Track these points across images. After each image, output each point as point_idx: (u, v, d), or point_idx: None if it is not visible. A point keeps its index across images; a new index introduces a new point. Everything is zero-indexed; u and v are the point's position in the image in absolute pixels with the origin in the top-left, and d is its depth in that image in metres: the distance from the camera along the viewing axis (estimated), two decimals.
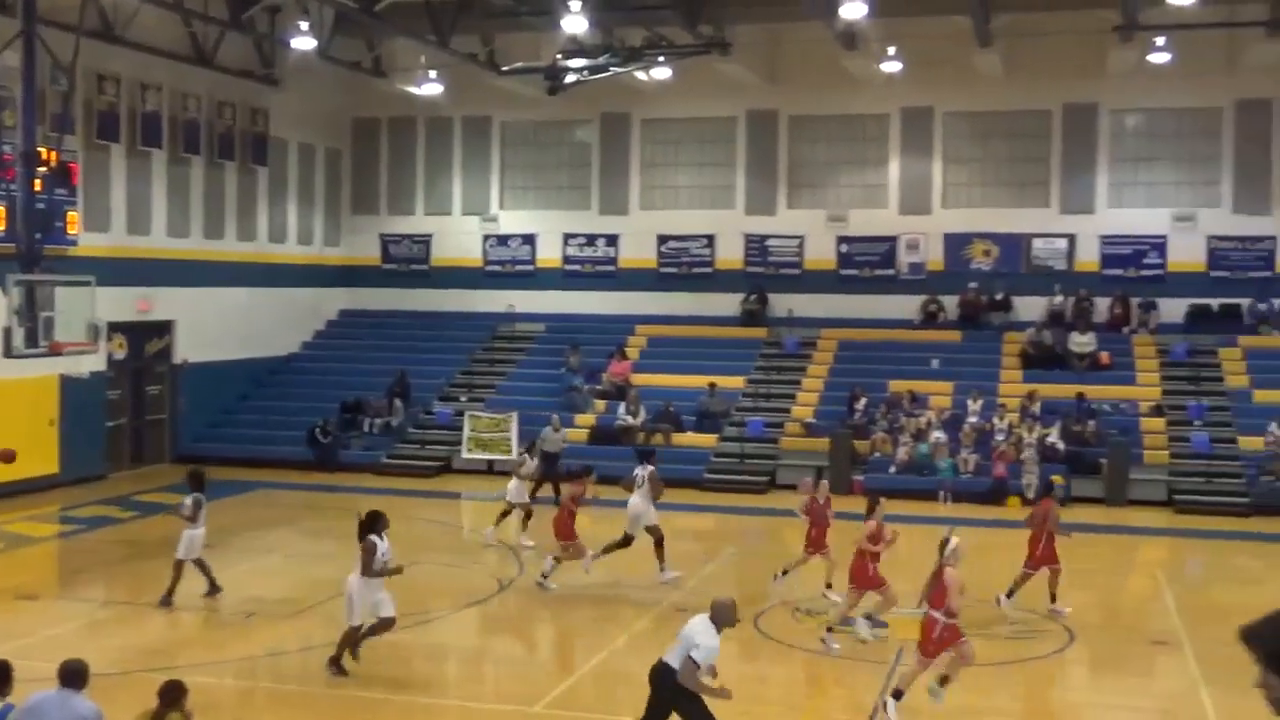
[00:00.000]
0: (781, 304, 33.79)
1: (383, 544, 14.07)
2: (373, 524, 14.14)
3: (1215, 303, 31.38)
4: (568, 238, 35.59)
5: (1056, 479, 24.25)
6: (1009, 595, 17.53)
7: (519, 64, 30.58)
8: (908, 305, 32.89)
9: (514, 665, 15.62)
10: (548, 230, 35.77)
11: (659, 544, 18.97)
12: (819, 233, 33.80)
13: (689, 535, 24.40)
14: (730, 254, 34.38)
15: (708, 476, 28.59)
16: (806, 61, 31.86)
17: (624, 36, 28.93)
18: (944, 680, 12.79)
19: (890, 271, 33.35)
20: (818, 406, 30.59)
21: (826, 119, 33.93)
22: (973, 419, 28.50)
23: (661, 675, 10.52)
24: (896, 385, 30.24)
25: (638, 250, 34.91)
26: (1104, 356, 30.53)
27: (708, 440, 29.92)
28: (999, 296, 32.40)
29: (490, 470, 29.87)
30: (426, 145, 36.77)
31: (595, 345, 33.04)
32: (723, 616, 10.61)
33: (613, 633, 16.43)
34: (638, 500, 19.13)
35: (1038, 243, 32.62)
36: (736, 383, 31.61)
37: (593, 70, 29.88)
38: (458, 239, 36.46)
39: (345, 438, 31.32)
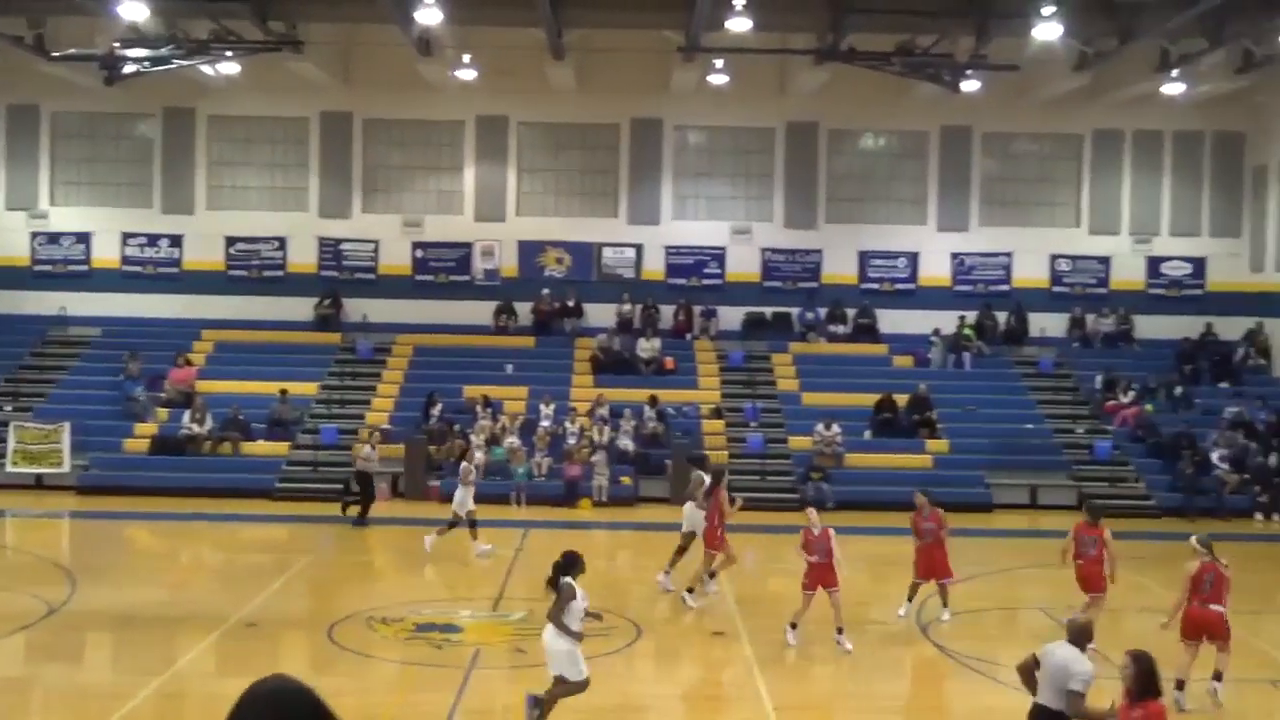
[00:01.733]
0: (356, 309, 33.31)
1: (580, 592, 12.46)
2: (569, 567, 12.63)
3: (769, 311, 33.49)
4: (127, 237, 33.61)
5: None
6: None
7: (71, 50, 28.58)
8: (483, 311, 33.18)
9: (65, 693, 14.54)
10: (105, 228, 33.63)
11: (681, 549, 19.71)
12: (394, 238, 33.56)
13: (260, 547, 23.67)
14: (303, 257, 33.55)
15: (279, 486, 27.79)
16: (382, 65, 31.53)
17: (189, 28, 27.59)
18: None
19: (466, 278, 33.55)
20: (393, 412, 30.34)
21: (402, 123, 33.74)
22: (546, 423, 29.09)
23: (1045, 717, 9.82)
24: (471, 390, 30.43)
25: (204, 251, 33.45)
26: (669, 361, 31.94)
27: (279, 449, 29.06)
28: (571, 303, 33.25)
29: (39, 484, 27.83)
30: None
31: (157, 351, 31.37)
32: (1084, 636, 10.16)
33: (174, 653, 15.60)
34: (693, 506, 19.78)
35: (608, 252, 33.72)
36: (309, 389, 30.87)
37: (154, 62, 28.32)
38: (2, 235, 33.70)
39: None
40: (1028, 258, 33.65)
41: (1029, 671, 9.87)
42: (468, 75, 30.63)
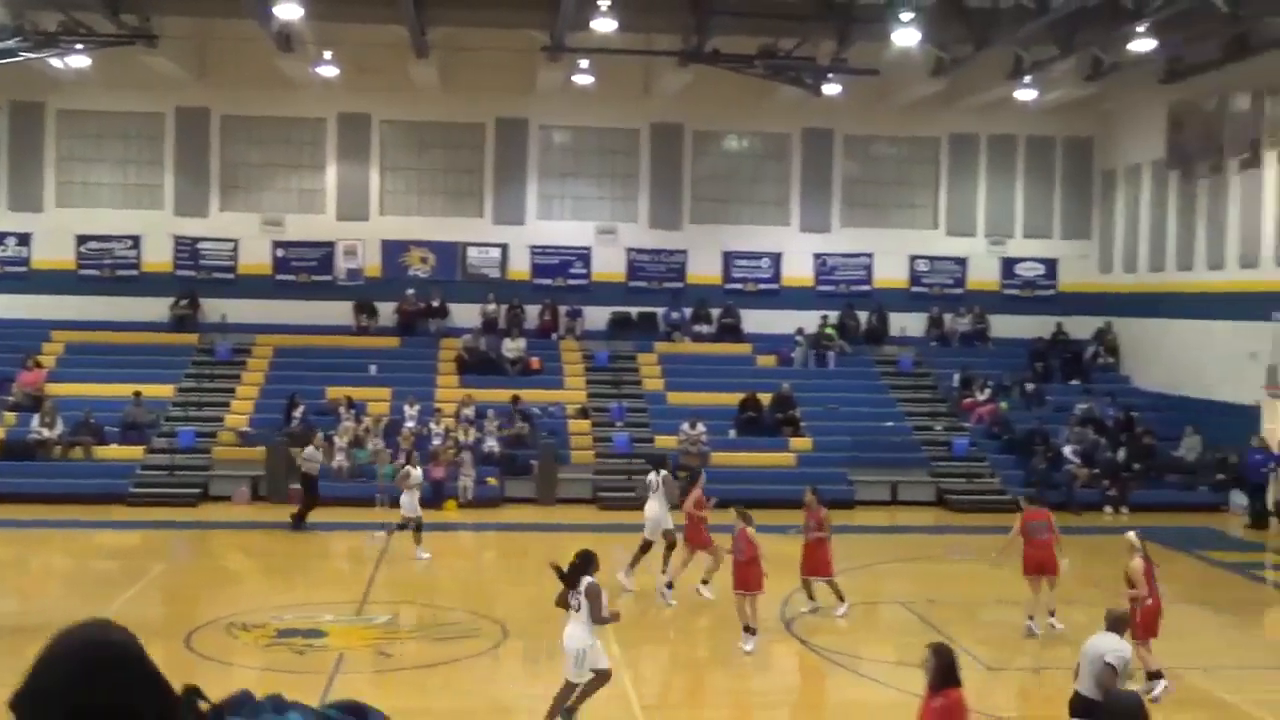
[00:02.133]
0: (214, 309, 32.57)
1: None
2: (587, 565, 12.71)
3: (634, 311, 33.60)
4: None
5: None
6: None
7: None
8: (346, 311, 32.72)
9: None
10: None
11: (670, 549, 19.47)
12: (254, 236, 32.90)
13: (113, 553, 23.05)
14: (158, 256, 32.70)
15: (134, 490, 27.02)
16: (240, 60, 30.86)
17: (37, 20, 26.69)
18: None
19: (328, 277, 33.04)
20: (253, 415, 29.73)
21: (261, 120, 33.10)
22: (410, 424, 28.78)
23: (1083, 705, 10.51)
24: (334, 392, 29.97)
25: (53, 250, 32.38)
26: (534, 361, 31.85)
27: (133, 452, 28.27)
28: (436, 303, 32.96)
29: None
30: None
31: (4, 353, 30.32)
32: (1122, 624, 11.22)
33: (25, 664, 15.07)
34: (654, 506, 19.71)
35: (473, 251, 33.51)
36: (165, 391, 30.06)
37: (0, 54, 27.35)
38: None
39: None
40: (888, 258, 34.30)
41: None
42: (329, 72, 30.18)
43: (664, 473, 20.22)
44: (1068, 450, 28.94)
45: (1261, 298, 25.50)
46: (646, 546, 19.89)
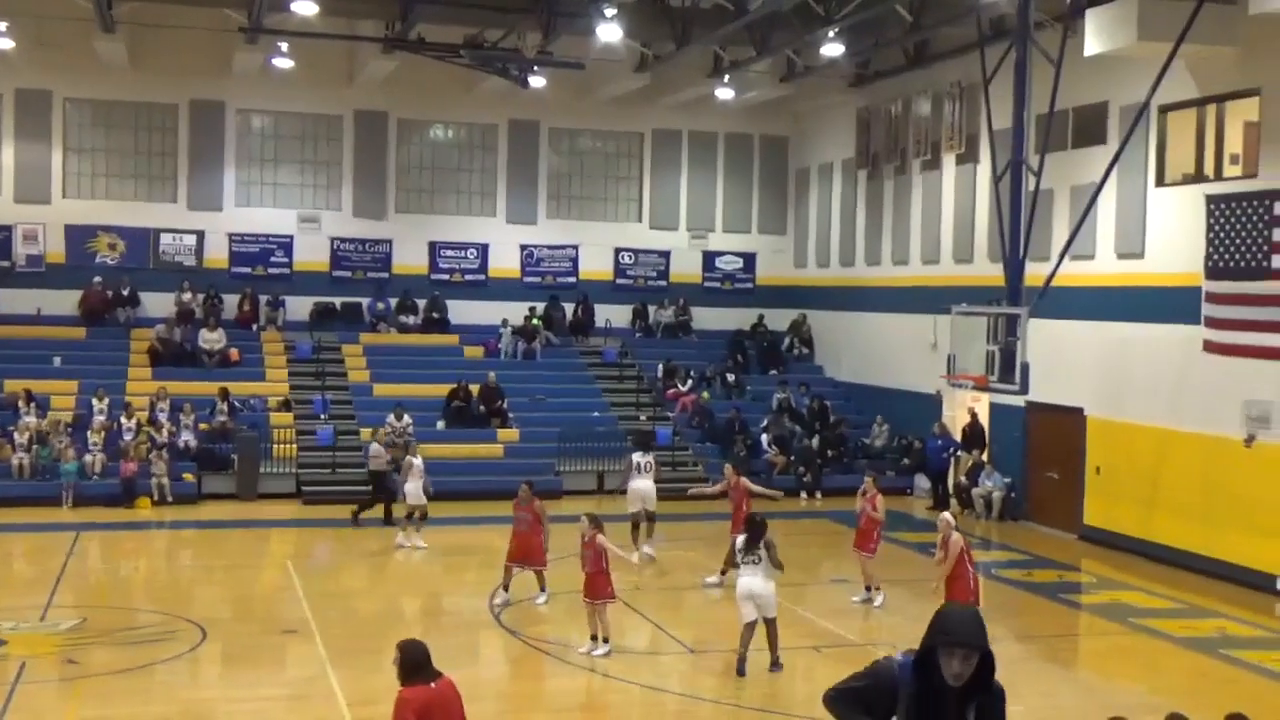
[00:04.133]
0: None
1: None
2: (765, 526, 14.88)
3: (339, 301, 32.92)
4: None
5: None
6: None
7: None
8: (25, 300, 30.80)
9: None
10: None
11: (651, 520, 21.40)
12: None
13: None
14: None
15: None
16: None
17: None
18: None
19: (6, 263, 31.03)
20: None
21: None
22: (99, 418, 27.35)
23: None
24: (13, 385, 28.18)
25: None
26: (234, 353, 30.79)
27: None
28: (126, 292, 31.43)
29: None
30: None
31: None
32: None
33: None
34: (644, 483, 21.51)
35: (166, 238, 32.11)
36: None
37: None
38: None
39: None
40: (593, 250, 34.74)
41: None
42: (5, 44, 28.33)
43: (650, 455, 22.38)
44: (765, 439, 29.98)
45: (941, 292, 27.05)
46: (637, 523, 21.39)
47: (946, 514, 16.53)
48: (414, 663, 8.38)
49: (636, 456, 22.32)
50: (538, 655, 16.10)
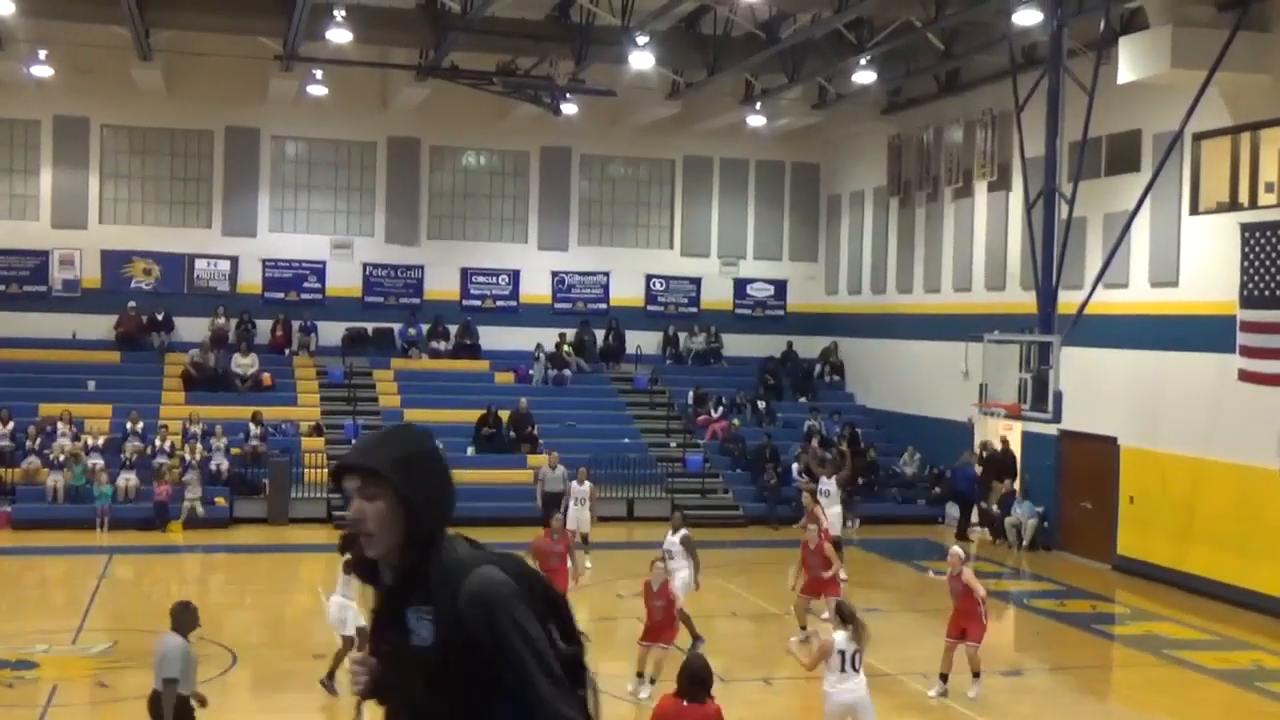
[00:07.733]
0: None
1: None
2: None
3: (370, 327, 33.06)
4: None
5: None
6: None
7: None
8: (62, 324, 31.08)
9: None
10: None
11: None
12: None
13: None
14: None
15: None
16: None
17: None
18: None
19: (42, 288, 31.33)
20: None
21: None
22: (134, 441, 27.52)
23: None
24: (49, 408, 28.40)
25: None
26: (266, 378, 30.95)
27: None
28: (160, 316, 31.66)
29: None
30: None
31: None
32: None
33: None
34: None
35: (200, 263, 32.36)
36: None
37: None
38: None
39: None
40: (624, 277, 34.79)
41: None
42: (44, 72, 28.68)
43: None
44: (795, 467, 29.85)
45: (974, 319, 26.95)
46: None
47: (956, 548, 16.24)
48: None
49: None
50: None
